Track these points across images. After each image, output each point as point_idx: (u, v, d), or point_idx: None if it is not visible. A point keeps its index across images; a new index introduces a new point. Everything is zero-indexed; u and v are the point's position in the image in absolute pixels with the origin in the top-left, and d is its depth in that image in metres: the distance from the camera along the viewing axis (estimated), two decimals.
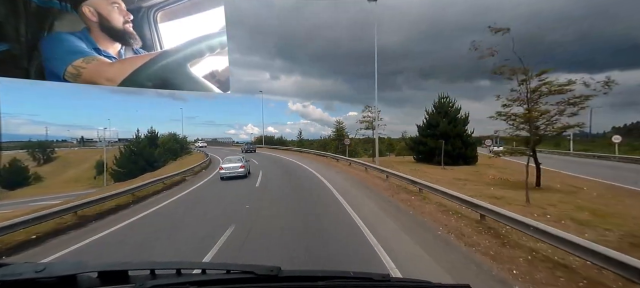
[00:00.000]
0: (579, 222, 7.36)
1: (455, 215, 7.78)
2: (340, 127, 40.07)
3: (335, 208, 8.69)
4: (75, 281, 1.02)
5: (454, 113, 27.45)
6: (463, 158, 25.77)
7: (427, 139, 26.87)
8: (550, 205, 9.12)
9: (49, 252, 6.26)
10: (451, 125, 26.49)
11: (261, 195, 11.26)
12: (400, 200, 9.71)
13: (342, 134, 39.42)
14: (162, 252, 5.84)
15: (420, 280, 1.30)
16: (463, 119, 27.42)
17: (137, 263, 1.26)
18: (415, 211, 8.42)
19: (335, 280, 1.16)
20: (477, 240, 6.02)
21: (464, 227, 6.77)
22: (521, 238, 5.99)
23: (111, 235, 7.27)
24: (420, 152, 28.49)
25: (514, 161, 32.47)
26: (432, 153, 26.42)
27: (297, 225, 7.13)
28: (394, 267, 4.77)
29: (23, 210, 12.24)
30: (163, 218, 8.67)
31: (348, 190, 11.56)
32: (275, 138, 61.73)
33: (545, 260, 5.06)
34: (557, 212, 8.25)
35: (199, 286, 1.02)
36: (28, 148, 71.04)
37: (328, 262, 4.96)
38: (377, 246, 5.65)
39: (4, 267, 1.10)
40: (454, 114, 27.41)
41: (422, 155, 28.21)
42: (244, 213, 8.51)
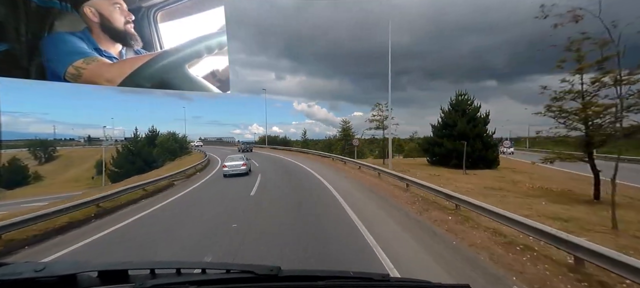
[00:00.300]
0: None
1: (526, 251, 5.34)
2: (347, 126, 37.81)
3: (350, 233, 6.33)
4: (75, 280, 1.01)
5: (472, 111, 24.87)
6: (483, 161, 23.18)
7: (443, 139, 24.33)
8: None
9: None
10: (470, 124, 23.92)
11: (255, 208, 8.97)
12: (434, 221, 7.30)
13: (348, 133, 37.09)
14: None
15: (419, 280, 1.29)
16: (483, 118, 24.82)
17: (137, 262, 1.25)
18: (460, 241, 6.00)
19: (335, 280, 1.15)
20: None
21: (555, 279, 4.34)
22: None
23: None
24: (435, 154, 25.99)
25: (537, 164, 29.81)
26: (448, 155, 23.91)
27: (298, 255, 4.80)
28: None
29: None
30: (117, 247, 6.40)
31: (364, 205, 9.18)
32: (278, 138, 59.45)
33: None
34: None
35: (198, 285, 1.00)
36: (30, 147, 69.88)
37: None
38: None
39: (4, 266, 1.10)
40: (473, 112, 24.83)
41: (436, 158, 25.70)
42: (229, 237, 6.20)
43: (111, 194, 10.83)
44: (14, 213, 9.39)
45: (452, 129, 24.25)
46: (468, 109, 24.99)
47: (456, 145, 23.27)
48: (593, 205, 9.80)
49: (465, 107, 25.10)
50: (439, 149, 24.84)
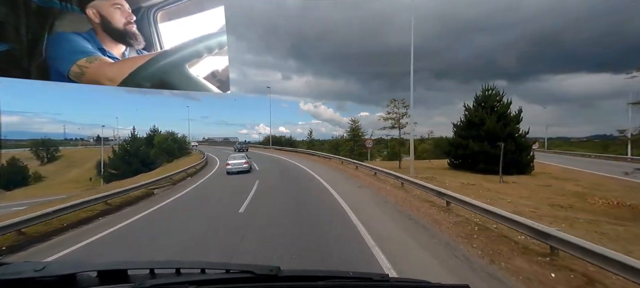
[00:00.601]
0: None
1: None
2: (356, 126, 34.86)
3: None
4: (74, 280, 1.00)
5: (502, 108, 21.59)
6: (516, 165, 19.92)
7: (469, 141, 21.12)
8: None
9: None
10: (500, 123, 20.68)
11: (244, 231, 6.09)
12: (524, 282, 4.30)
13: (357, 134, 34.19)
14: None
15: (419, 280, 1.27)
16: (515, 115, 21.54)
17: (136, 262, 1.19)
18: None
19: (334, 280, 1.13)
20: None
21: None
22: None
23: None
24: (457, 157, 22.83)
25: (568, 167, 26.21)
26: (474, 158, 20.74)
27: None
28: None
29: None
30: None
31: (398, 240, 6.19)
32: (283, 138, 56.72)
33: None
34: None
35: (198, 285, 0.98)
36: (32, 147, 68.46)
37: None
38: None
39: (4, 266, 1.09)
40: (503, 109, 21.55)
41: (459, 161, 22.56)
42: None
43: (54, 212, 8.06)
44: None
45: (479, 129, 21.04)
46: (496, 105, 21.74)
47: (483, 147, 20.15)
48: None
49: (493, 103, 21.85)
50: (464, 151, 21.68)
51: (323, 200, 9.82)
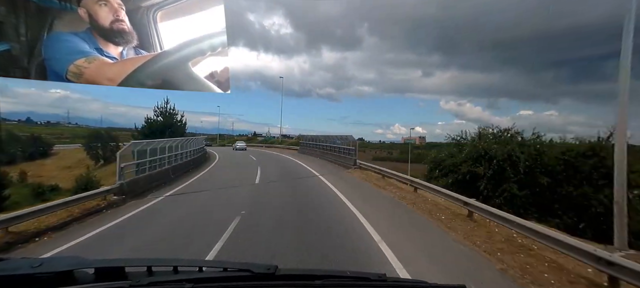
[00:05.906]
0: None
1: None
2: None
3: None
4: (72, 277, 0.96)
5: None
6: None
7: None
8: None
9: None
10: None
11: None
12: None
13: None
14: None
15: (416, 280, 1.24)
16: None
17: (134, 260, 1.06)
18: None
19: (332, 279, 1.08)
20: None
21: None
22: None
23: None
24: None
25: None
26: None
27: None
28: None
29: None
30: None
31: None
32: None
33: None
34: None
35: (195, 284, 0.93)
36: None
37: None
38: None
39: (1, 262, 1.05)
40: None
41: None
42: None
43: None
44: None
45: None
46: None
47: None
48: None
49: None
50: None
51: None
